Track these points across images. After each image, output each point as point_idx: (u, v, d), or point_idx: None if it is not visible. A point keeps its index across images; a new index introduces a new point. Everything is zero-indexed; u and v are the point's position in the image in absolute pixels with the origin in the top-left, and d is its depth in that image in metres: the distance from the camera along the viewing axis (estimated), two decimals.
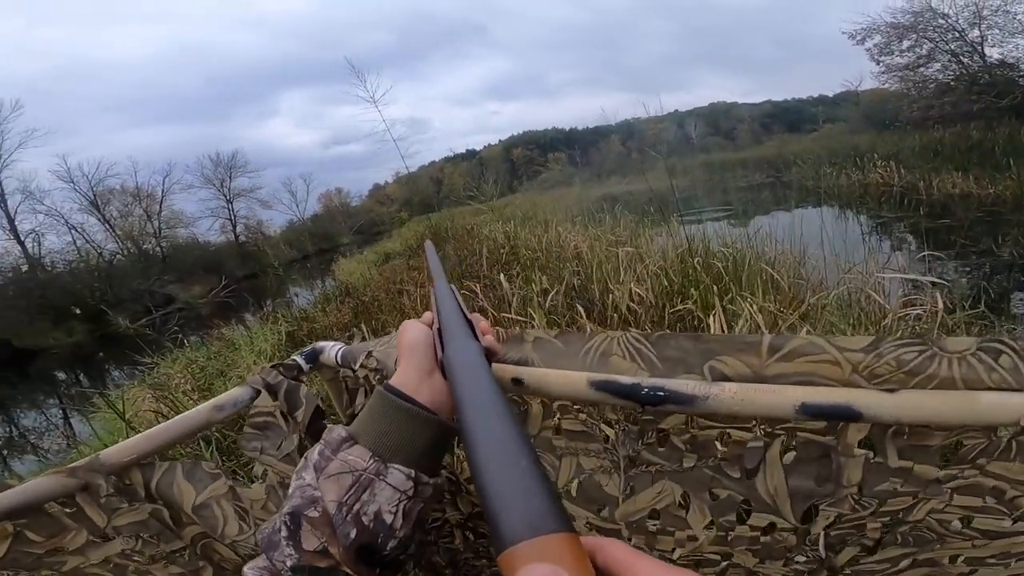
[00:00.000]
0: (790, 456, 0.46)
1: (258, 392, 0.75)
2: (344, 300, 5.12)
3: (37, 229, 23.49)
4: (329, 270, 8.98)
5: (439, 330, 0.52)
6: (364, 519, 0.41)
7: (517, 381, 0.53)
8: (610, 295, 3.04)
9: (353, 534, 0.41)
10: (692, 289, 2.86)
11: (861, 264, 3.06)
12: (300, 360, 0.81)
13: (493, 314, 2.79)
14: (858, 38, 17.14)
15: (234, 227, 32.23)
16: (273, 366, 0.78)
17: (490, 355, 0.53)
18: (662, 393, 0.45)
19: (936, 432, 0.41)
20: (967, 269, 4.50)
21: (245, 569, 0.40)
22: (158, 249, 27.10)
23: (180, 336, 5.13)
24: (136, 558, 0.70)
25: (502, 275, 2.95)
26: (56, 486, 0.66)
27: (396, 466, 0.43)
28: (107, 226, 26.06)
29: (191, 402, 3.14)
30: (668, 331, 0.55)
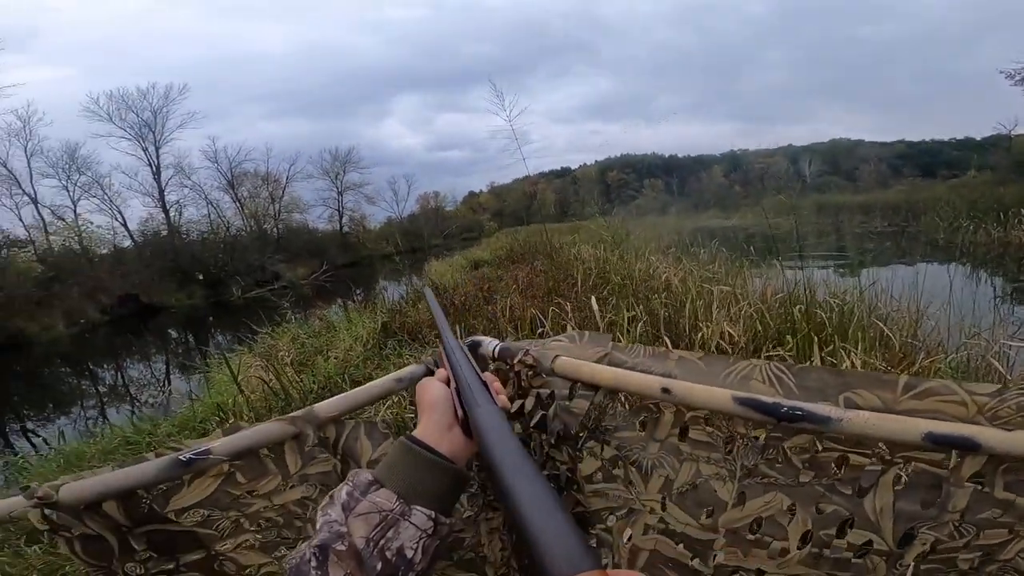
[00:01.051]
0: (902, 481, 0.52)
1: (431, 372, 0.83)
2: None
3: (181, 200, 27.14)
4: (420, 269, 9.45)
5: (457, 391, 0.60)
6: (387, 554, 0.47)
7: (665, 390, 0.63)
8: (699, 332, 2.98)
9: (379, 567, 0.46)
10: (789, 336, 2.75)
11: (987, 331, 2.77)
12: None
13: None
14: (1018, 77, 15.29)
15: (340, 217, 35.07)
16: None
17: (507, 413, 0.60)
18: (800, 412, 0.53)
19: None
20: None
21: None
22: (275, 230, 29.97)
23: (288, 312, 5.67)
24: (309, 506, 0.78)
25: (593, 298, 2.99)
26: (278, 431, 0.74)
27: (419, 508, 0.49)
28: (238, 204, 29.47)
29: (292, 373, 3.48)
30: (809, 364, 0.65)
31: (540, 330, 2.88)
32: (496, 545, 0.85)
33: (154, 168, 26.10)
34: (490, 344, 0.84)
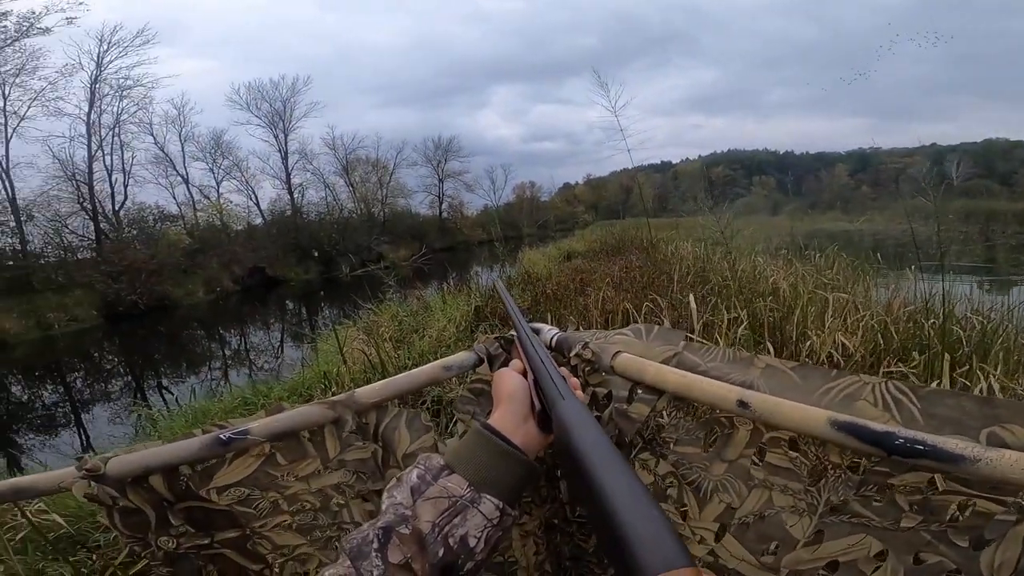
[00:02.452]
0: None
1: (481, 360, 0.80)
2: (526, 287, 5.48)
3: (303, 183, 29.97)
4: (514, 257, 9.62)
5: (535, 383, 0.59)
6: (451, 541, 0.46)
7: (743, 404, 0.53)
8: (808, 340, 2.75)
9: (441, 553, 0.46)
10: (915, 352, 2.44)
11: None
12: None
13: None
14: None
15: (440, 203, 36.73)
16: (496, 338, 0.81)
17: None
18: (921, 447, 0.43)
19: None
20: None
21: (324, 572, 0.44)
22: (382, 213, 32.05)
23: (390, 291, 6.04)
24: (346, 491, 0.77)
25: (692, 296, 2.86)
26: (318, 415, 0.73)
27: (488, 496, 0.49)
28: (351, 189, 31.89)
29: (391, 348, 3.70)
30: (945, 388, 0.55)
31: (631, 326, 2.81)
32: (530, 549, 0.81)
33: (282, 153, 28.99)
34: (549, 332, 0.80)
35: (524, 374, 0.64)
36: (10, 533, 1.68)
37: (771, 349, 2.52)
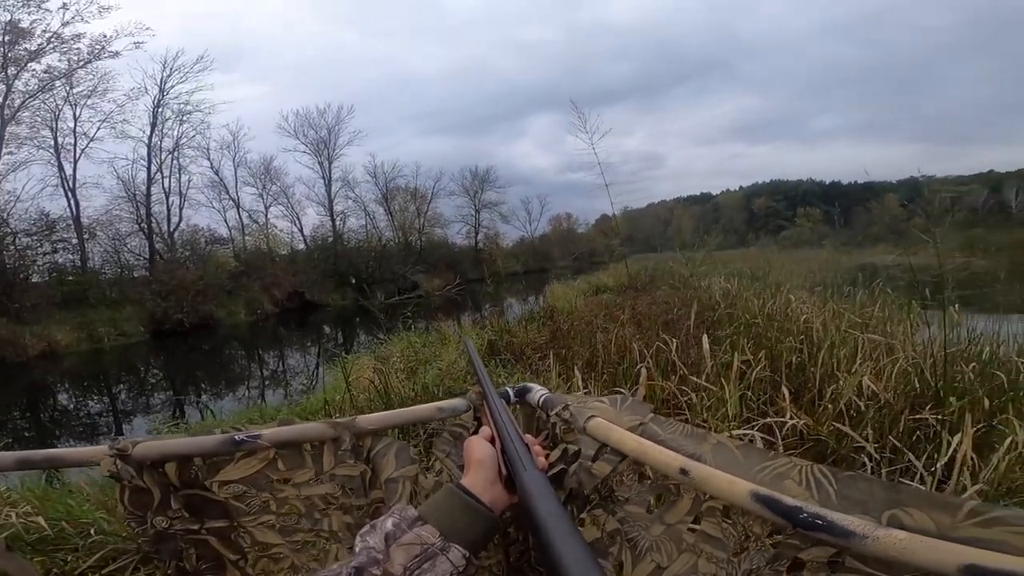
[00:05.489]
0: None
1: (469, 407, 0.92)
2: (546, 322, 5.36)
3: (345, 210, 30.81)
4: (543, 290, 9.54)
5: (503, 451, 0.66)
6: None
7: (684, 471, 0.59)
8: (832, 384, 2.53)
9: None
10: (952, 398, 2.22)
11: None
12: (511, 391, 0.94)
13: (682, 374, 2.57)
14: None
15: (476, 234, 36.93)
16: (479, 394, 0.90)
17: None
18: (821, 522, 0.47)
19: None
20: None
21: None
22: (418, 242, 32.61)
23: (411, 320, 6.05)
24: (331, 502, 0.87)
25: (705, 335, 2.69)
26: (320, 432, 0.85)
27: (457, 546, 0.55)
28: (390, 217, 32.65)
29: (399, 380, 3.67)
30: (861, 473, 0.60)
31: (640, 366, 2.65)
32: None
33: (326, 180, 29.98)
34: (537, 392, 0.90)
35: (492, 441, 0.71)
36: None
37: (787, 395, 2.32)
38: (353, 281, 25.23)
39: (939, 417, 2.15)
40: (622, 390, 2.68)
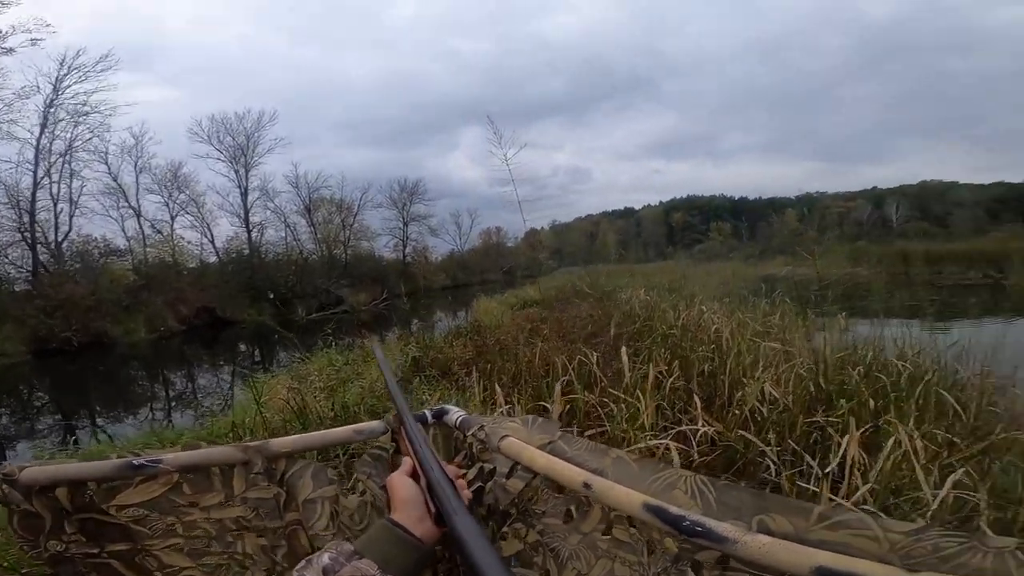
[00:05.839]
0: None
1: (387, 430, 0.93)
2: (472, 337, 5.31)
3: (263, 222, 28.88)
4: (470, 305, 9.48)
5: (430, 489, 0.67)
6: None
7: (587, 485, 0.64)
8: (740, 391, 2.70)
9: None
10: (843, 400, 2.45)
11: None
12: (428, 414, 0.95)
13: (603, 386, 2.63)
14: None
15: (404, 247, 36.07)
16: (395, 416, 0.90)
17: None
18: (700, 529, 0.52)
19: None
20: None
21: None
22: (343, 255, 31.29)
23: (332, 337, 5.76)
24: (245, 525, 0.86)
25: (624, 348, 2.77)
26: (228, 456, 0.83)
27: None
28: (312, 229, 31.01)
29: (317, 401, 3.47)
30: (734, 481, 0.65)
31: (564, 378, 2.68)
32: None
33: (242, 190, 28.00)
34: (455, 414, 0.93)
35: (414, 475, 0.72)
36: None
37: (698, 403, 2.43)
38: (271, 296, 23.76)
39: (829, 419, 2.33)
40: (546, 403, 2.70)
